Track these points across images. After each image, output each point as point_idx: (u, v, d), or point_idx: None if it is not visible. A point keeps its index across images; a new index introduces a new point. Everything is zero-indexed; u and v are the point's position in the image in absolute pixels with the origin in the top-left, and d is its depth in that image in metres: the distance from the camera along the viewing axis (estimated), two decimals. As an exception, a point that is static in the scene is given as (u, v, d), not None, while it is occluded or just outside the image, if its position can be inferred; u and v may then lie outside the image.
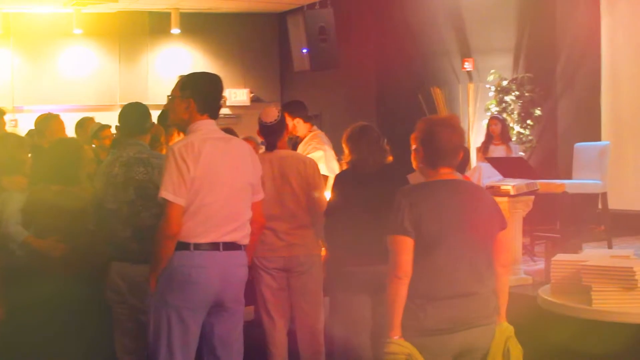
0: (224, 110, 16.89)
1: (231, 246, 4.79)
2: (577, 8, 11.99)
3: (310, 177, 6.02)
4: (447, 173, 4.29)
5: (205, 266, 4.70)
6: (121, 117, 5.69)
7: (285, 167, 6.00)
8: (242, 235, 4.87)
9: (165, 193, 4.65)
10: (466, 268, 4.19)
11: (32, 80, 16.03)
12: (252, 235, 5.04)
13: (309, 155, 7.22)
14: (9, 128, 15.04)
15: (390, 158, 5.77)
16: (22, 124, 14.29)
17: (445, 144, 4.25)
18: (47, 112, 8.20)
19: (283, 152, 6.12)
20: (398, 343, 4.10)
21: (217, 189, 4.74)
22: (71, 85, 16.19)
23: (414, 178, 5.38)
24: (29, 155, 6.54)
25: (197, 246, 4.70)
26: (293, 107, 7.73)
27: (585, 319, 5.33)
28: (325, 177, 6.77)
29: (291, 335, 6.25)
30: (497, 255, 4.33)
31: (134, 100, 5.95)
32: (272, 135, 6.09)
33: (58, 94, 16.00)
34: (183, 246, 4.69)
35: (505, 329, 4.34)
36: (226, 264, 4.77)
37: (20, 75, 16.01)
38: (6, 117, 15.15)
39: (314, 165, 6.15)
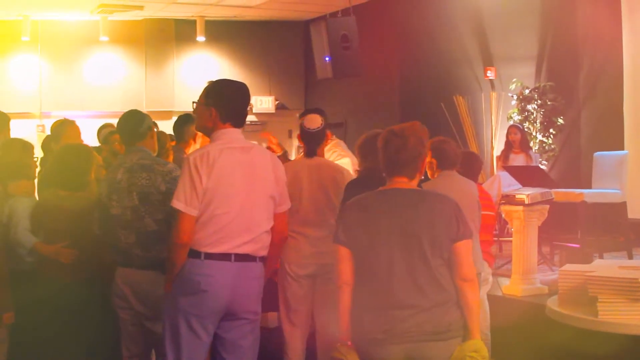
0: (249, 117, 16.97)
1: (245, 258, 4.76)
2: (598, 17, 11.91)
3: None
4: (401, 182, 4.26)
5: (214, 275, 4.69)
6: (117, 126, 5.74)
7: (322, 174, 6.00)
8: (257, 247, 4.82)
9: (177, 203, 4.66)
10: (403, 280, 4.11)
11: (60, 87, 16.10)
12: (274, 246, 5.00)
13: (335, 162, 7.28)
14: (37, 133, 15.30)
15: None
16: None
17: (394, 154, 4.23)
18: (63, 118, 8.23)
19: (322, 160, 6.15)
20: (338, 349, 4.16)
21: (230, 200, 4.71)
22: (98, 91, 16.25)
23: (428, 187, 5.38)
24: (35, 159, 6.61)
25: (208, 255, 4.69)
26: (319, 113, 7.80)
27: (592, 330, 5.30)
28: None
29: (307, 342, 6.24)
30: (455, 267, 4.18)
31: (161, 107, 6.02)
32: (313, 142, 6.10)
33: (85, 100, 16.07)
34: (195, 254, 4.70)
35: (466, 347, 4.15)
36: (238, 275, 4.74)
37: (48, 81, 16.09)
38: (34, 122, 15.51)
39: (350, 176, 6.14)
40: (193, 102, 5.09)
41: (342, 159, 7.53)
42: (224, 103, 4.85)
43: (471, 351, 4.11)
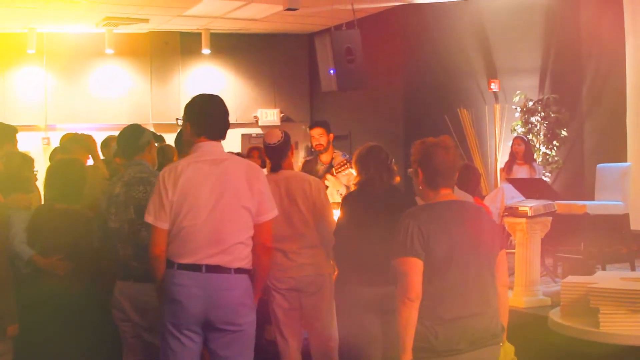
0: (255, 130, 17.01)
1: (216, 269, 4.76)
2: (602, 29, 11.95)
3: (316, 197, 6.04)
4: (447, 194, 4.33)
5: (185, 285, 4.72)
6: (117, 140, 5.83)
7: (291, 187, 6.04)
8: (230, 259, 4.78)
9: (148, 216, 4.81)
10: (474, 288, 4.20)
11: (65, 99, 16.14)
12: (257, 257, 4.93)
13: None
14: (43, 146, 15.35)
15: (398, 179, 5.79)
16: (55, 142, 14.41)
17: (441, 164, 4.28)
18: (74, 132, 8.28)
19: (288, 173, 6.16)
20: None
21: (195, 212, 4.76)
22: (103, 104, 16.29)
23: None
24: (35, 172, 6.69)
25: (180, 266, 4.75)
26: (328, 125, 8.00)
27: (595, 341, 5.32)
28: None
29: (306, 354, 6.28)
30: (498, 274, 4.34)
31: (166, 120, 6.06)
32: (276, 156, 6.15)
33: (90, 112, 16.10)
34: (170, 265, 4.78)
35: (508, 349, 4.38)
36: (210, 286, 4.74)
37: (53, 94, 16.13)
38: (40, 135, 15.55)
39: (319, 185, 6.18)
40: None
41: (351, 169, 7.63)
42: (195, 117, 4.95)
43: (513, 353, 4.40)
